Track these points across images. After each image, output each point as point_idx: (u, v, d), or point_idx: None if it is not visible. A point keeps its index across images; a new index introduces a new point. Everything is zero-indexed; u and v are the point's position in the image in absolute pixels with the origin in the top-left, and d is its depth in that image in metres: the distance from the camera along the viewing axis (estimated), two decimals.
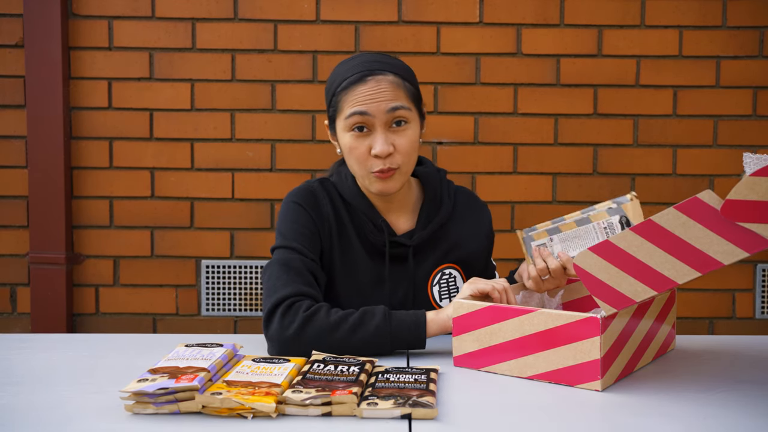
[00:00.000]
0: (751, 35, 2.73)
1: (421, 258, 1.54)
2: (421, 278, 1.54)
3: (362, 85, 1.44)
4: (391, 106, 1.43)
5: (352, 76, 1.45)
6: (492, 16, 2.73)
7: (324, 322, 1.33)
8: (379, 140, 1.43)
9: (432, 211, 1.56)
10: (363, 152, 1.44)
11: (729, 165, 2.76)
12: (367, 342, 1.33)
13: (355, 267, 1.51)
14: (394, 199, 1.55)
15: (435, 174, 1.59)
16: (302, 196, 1.52)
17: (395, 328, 1.34)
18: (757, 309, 2.79)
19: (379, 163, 1.43)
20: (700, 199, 1.01)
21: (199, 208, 2.76)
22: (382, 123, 1.43)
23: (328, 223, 1.51)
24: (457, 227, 1.58)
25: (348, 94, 1.44)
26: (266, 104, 2.74)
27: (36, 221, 2.71)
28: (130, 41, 2.72)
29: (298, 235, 1.47)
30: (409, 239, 1.52)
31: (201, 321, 2.78)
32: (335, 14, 2.72)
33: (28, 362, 1.33)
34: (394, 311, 1.38)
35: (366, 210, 1.52)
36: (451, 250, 1.56)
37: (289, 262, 1.43)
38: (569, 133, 2.76)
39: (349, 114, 1.43)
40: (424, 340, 1.36)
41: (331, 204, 1.53)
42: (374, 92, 1.43)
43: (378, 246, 1.52)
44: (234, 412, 1.05)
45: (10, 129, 2.74)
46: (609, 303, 1.13)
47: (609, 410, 1.10)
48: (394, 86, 1.45)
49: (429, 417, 1.04)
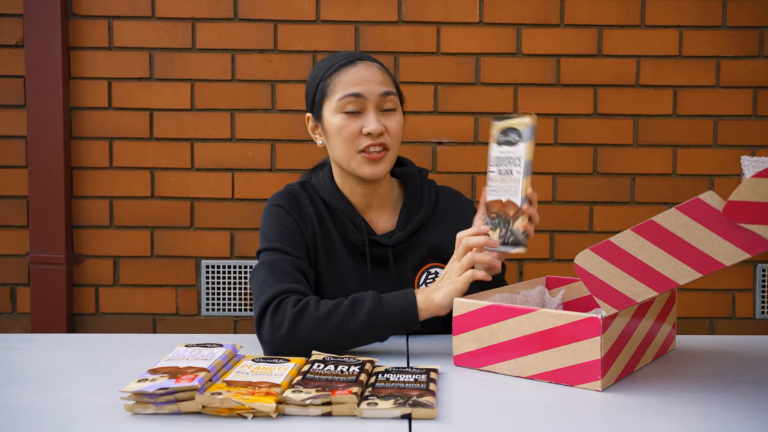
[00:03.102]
0: (751, 35, 2.73)
1: (403, 258, 1.54)
2: (406, 278, 1.54)
3: (353, 68, 1.47)
4: (383, 90, 1.47)
5: (342, 60, 1.49)
6: (492, 16, 2.73)
7: (314, 315, 1.32)
8: (372, 119, 1.45)
9: (412, 211, 1.56)
10: (354, 131, 1.45)
11: (729, 165, 2.76)
12: (359, 331, 1.32)
13: (339, 267, 1.52)
14: (375, 199, 1.55)
15: (416, 174, 1.60)
16: (283, 199, 1.53)
17: (386, 311, 1.32)
18: (757, 309, 2.79)
19: (370, 141, 1.45)
20: (702, 200, 1.01)
21: (199, 208, 2.76)
22: (374, 105, 1.46)
23: (311, 224, 1.52)
24: (439, 226, 1.57)
25: (339, 76, 1.47)
26: (266, 104, 2.74)
27: (36, 221, 2.71)
28: (130, 41, 2.72)
29: (281, 236, 1.48)
30: (389, 239, 1.53)
31: (201, 321, 2.78)
32: (335, 14, 2.72)
33: (28, 362, 1.33)
34: (383, 295, 1.35)
35: (345, 210, 1.53)
36: (434, 249, 1.56)
37: (274, 262, 1.43)
38: (569, 133, 2.76)
39: (342, 96, 1.45)
40: (417, 318, 1.33)
41: (312, 205, 1.53)
42: (367, 75, 1.46)
43: (359, 246, 1.52)
44: (234, 412, 1.05)
45: (10, 129, 2.74)
46: (609, 303, 1.13)
47: (609, 410, 1.10)
48: (383, 73, 1.50)
49: (429, 417, 1.04)
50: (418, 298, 1.34)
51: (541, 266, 2.77)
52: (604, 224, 2.77)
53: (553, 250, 2.78)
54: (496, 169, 1.32)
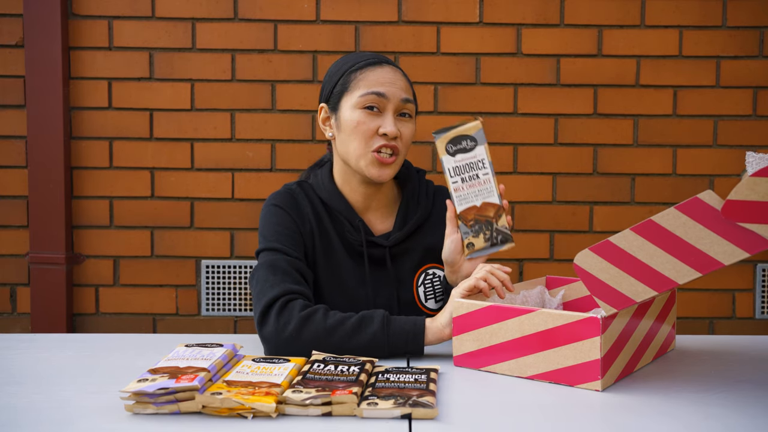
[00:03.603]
0: (751, 35, 2.73)
1: (401, 258, 1.54)
2: (404, 279, 1.54)
3: (380, 69, 1.50)
4: (404, 96, 1.49)
5: (369, 59, 1.51)
6: (492, 16, 2.73)
7: (321, 325, 1.32)
8: (389, 121, 1.47)
9: (410, 213, 1.57)
10: (371, 129, 1.47)
11: (729, 165, 2.76)
12: (362, 348, 1.32)
13: (338, 268, 1.52)
14: (375, 200, 1.56)
15: (414, 175, 1.61)
16: (281, 199, 1.53)
17: (393, 337, 1.33)
18: (757, 309, 2.79)
19: (384, 142, 1.47)
20: (701, 199, 1.01)
21: (199, 208, 2.76)
22: (393, 108, 1.48)
23: (310, 224, 1.52)
24: (436, 228, 1.57)
25: (365, 73, 1.49)
26: (266, 104, 2.74)
27: (36, 221, 2.71)
28: (130, 41, 2.72)
29: (280, 236, 1.48)
30: (386, 240, 1.53)
31: (201, 321, 2.78)
32: (335, 14, 2.72)
33: (28, 362, 1.33)
34: (394, 317, 1.35)
35: (343, 210, 1.53)
36: (432, 250, 1.56)
37: (274, 263, 1.43)
38: (569, 133, 2.76)
39: (367, 92, 1.47)
40: (422, 349, 1.35)
41: (310, 205, 1.54)
42: (392, 78, 1.49)
43: (356, 246, 1.52)
44: (234, 412, 1.05)
45: (10, 129, 2.74)
46: (609, 303, 1.13)
47: (609, 410, 1.10)
48: (406, 81, 1.53)
49: (429, 417, 1.04)
50: (428, 326, 1.34)
51: (541, 266, 2.77)
52: (604, 224, 2.77)
53: (553, 250, 2.78)
54: (458, 178, 1.38)
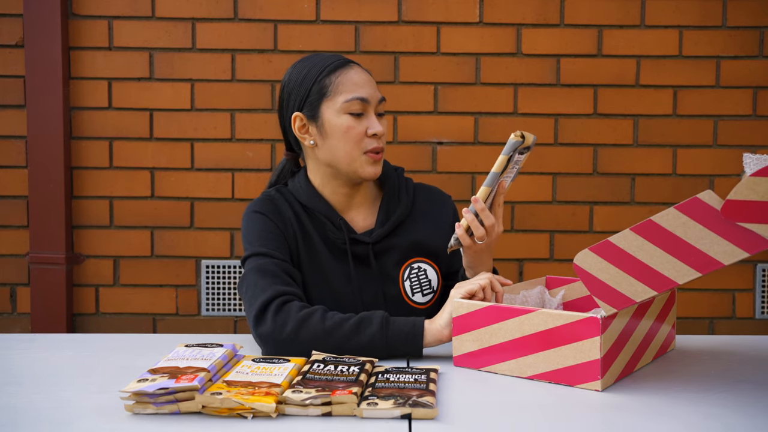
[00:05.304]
0: (751, 35, 2.73)
1: (385, 255, 1.55)
2: (389, 274, 1.55)
3: (351, 70, 1.51)
4: (381, 96, 1.54)
5: (336, 61, 1.52)
6: (492, 16, 2.73)
7: (319, 327, 1.33)
8: (375, 122, 1.51)
9: (391, 209, 1.58)
10: (361, 132, 1.49)
11: (729, 165, 2.76)
12: (360, 349, 1.32)
13: (323, 268, 1.52)
14: (356, 198, 1.57)
15: (392, 172, 1.62)
16: (261, 205, 1.54)
17: (391, 339, 1.33)
18: (757, 309, 2.79)
19: (375, 142, 1.50)
20: (701, 199, 1.01)
21: (199, 208, 2.76)
22: (373, 109, 1.52)
23: (292, 227, 1.53)
24: (418, 223, 1.59)
25: (340, 77, 1.50)
26: (266, 104, 2.74)
27: (36, 221, 2.71)
28: (130, 41, 2.72)
29: (264, 240, 1.48)
30: (369, 237, 1.54)
31: (201, 321, 2.78)
32: (335, 14, 2.72)
33: (28, 362, 1.33)
34: (393, 319, 1.35)
35: (324, 210, 1.54)
36: (415, 245, 1.57)
37: (263, 266, 1.43)
38: (569, 133, 2.76)
39: (351, 98, 1.48)
40: (421, 351, 1.34)
41: (291, 209, 1.54)
42: (366, 79, 1.52)
43: (340, 245, 1.53)
44: (234, 412, 1.05)
45: (10, 129, 2.74)
46: (609, 303, 1.13)
47: (609, 410, 1.10)
48: (373, 79, 1.56)
49: (429, 417, 1.04)
50: (427, 327, 1.34)
51: (541, 266, 2.77)
52: (604, 224, 2.77)
53: (553, 250, 2.78)
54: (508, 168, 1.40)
